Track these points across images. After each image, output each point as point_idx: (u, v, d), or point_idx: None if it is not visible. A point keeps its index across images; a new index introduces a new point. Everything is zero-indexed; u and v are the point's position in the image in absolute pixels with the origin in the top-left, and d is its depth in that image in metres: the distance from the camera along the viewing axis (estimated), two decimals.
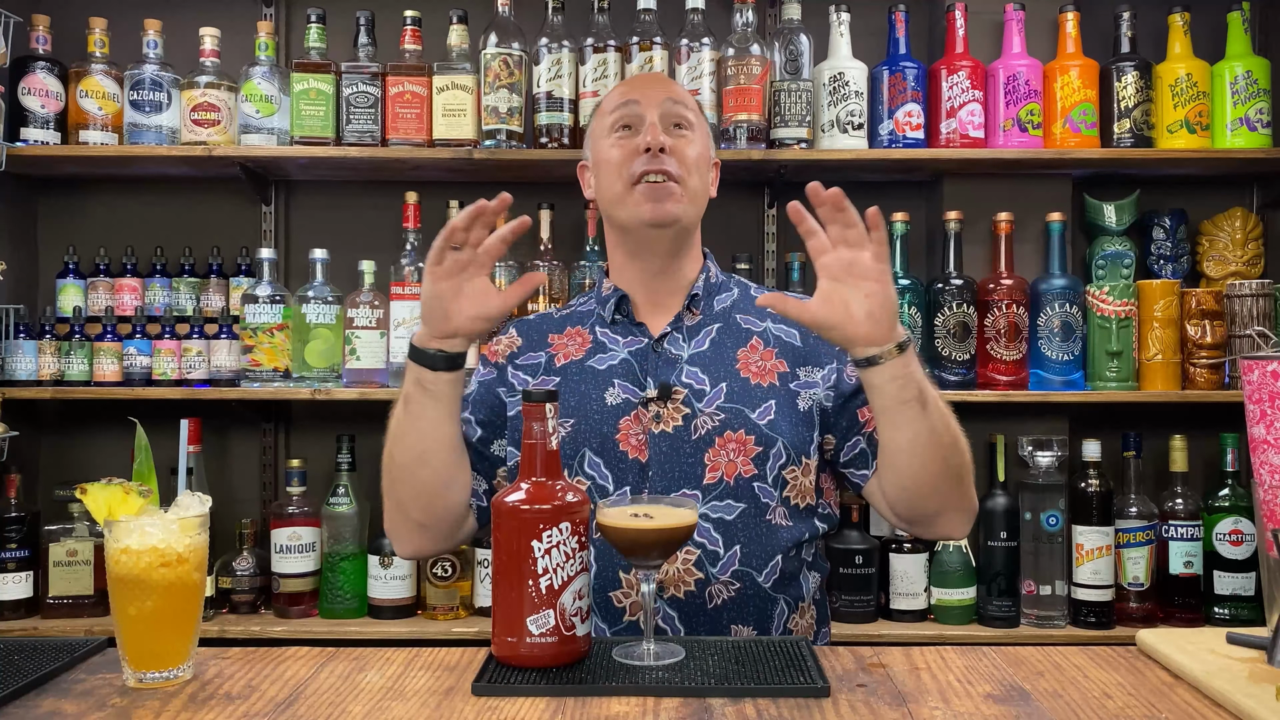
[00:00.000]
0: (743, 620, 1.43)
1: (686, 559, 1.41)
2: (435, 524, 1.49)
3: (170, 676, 1.11)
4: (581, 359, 1.54)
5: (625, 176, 1.49)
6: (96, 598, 2.40)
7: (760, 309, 1.56)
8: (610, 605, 1.44)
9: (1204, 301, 2.46)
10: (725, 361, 1.51)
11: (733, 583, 1.42)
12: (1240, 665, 1.11)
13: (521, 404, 1.16)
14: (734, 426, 1.45)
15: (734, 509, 1.44)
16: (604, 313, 1.57)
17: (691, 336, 1.54)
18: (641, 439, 1.46)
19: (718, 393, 1.48)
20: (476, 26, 2.49)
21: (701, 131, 1.56)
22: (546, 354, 1.56)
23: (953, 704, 1.04)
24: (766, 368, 1.51)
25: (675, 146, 1.50)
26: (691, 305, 1.55)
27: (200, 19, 2.55)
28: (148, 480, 1.16)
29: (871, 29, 2.61)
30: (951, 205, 2.53)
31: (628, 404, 1.48)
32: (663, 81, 1.60)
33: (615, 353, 1.53)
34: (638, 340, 1.53)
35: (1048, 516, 2.36)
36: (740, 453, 1.45)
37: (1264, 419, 1.14)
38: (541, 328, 1.61)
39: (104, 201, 2.73)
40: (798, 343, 1.54)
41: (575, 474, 1.47)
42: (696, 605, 1.41)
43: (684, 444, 1.45)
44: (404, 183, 2.59)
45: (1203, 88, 2.50)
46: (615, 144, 1.52)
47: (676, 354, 1.52)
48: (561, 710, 1.02)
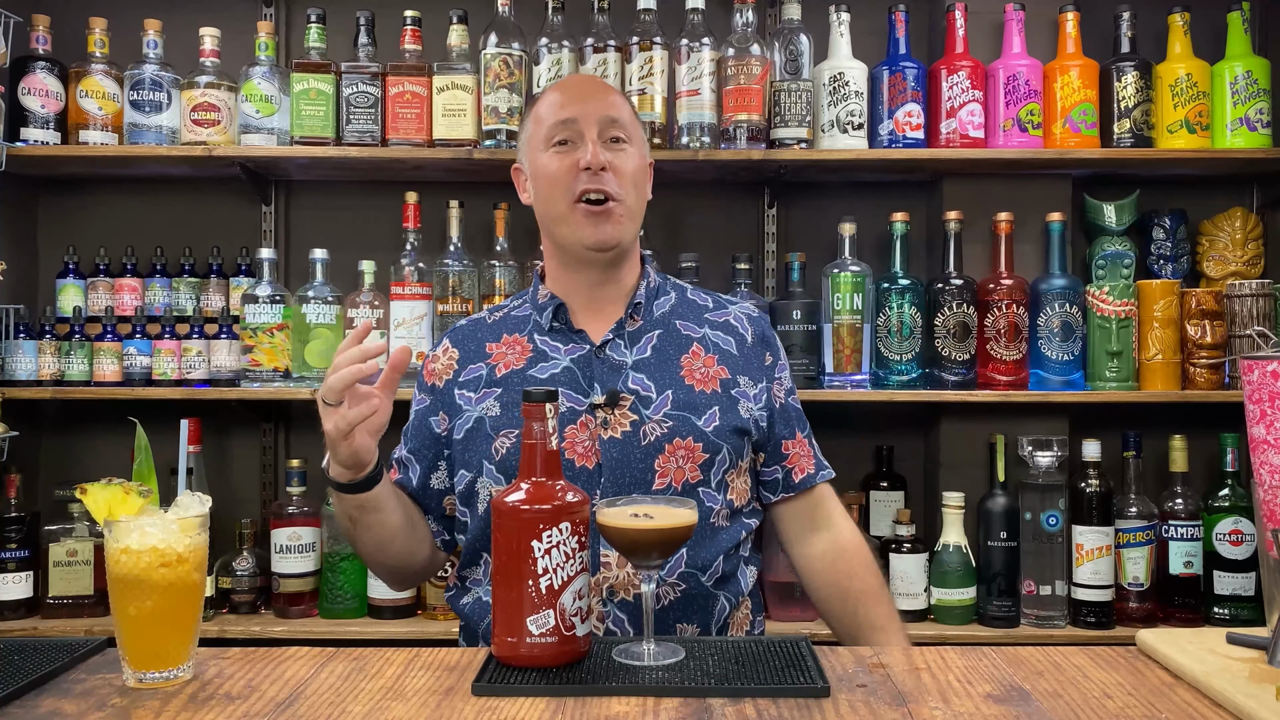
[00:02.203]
0: (687, 619, 1.46)
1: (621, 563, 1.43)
2: (410, 577, 1.65)
3: (170, 676, 1.11)
4: (523, 368, 1.54)
5: (565, 193, 1.50)
6: (96, 598, 2.40)
7: (699, 314, 1.60)
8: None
9: (1204, 301, 2.46)
10: (669, 368, 1.52)
11: (679, 584, 1.45)
12: (1240, 665, 1.11)
13: (521, 404, 1.16)
14: (682, 434, 1.47)
15: None
16: (541, 320, 1.57)
17: (633, 343, 1.54)
18: (589, 445, 1.47)
19: (664, 399, 1.49)
20: (476, 26, 2.49)
21: (637, 140, 1.56)
22: (486, 365, 1.56)
23: (953, 704, 1.04)
24: (710, 374, 1.53)
25: (614, 163, 1.50)
26: (633, 312, 1.56)
27: (200, 19, 2.55)
28: (148, 480, 1.16)
29: (871, 29, 2.61)
30: (951, 205, 2.53)
31: (573, 412, 1.48)
32: (598, 90, 1.58)
33: (557, 360, 1.53)
34: (579, 347, 1.54)
35: (1048, 516, 2.36)
36: (689, 459, 1.47)
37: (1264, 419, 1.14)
38: (477, 335, 1.61)
39: (104, 201, 2.73)
40: (734, 351, 1.57)
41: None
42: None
43: (634, 450, 1.47)
44: (404, 183, 2.59)
45: (1203, 88, 2.50)
46: (554, 158, 1.52)
47: (620, 360, 1.52)
48: (561, 710, 1.02)
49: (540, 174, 1.54)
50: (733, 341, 1.58)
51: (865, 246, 2.57)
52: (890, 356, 2.44)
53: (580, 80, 1.67)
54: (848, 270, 2.46)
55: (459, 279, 2.45)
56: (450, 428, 1.55)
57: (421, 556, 1.59)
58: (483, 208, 2.61)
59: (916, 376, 2.45)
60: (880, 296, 2.47)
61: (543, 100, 1.58)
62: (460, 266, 2.46)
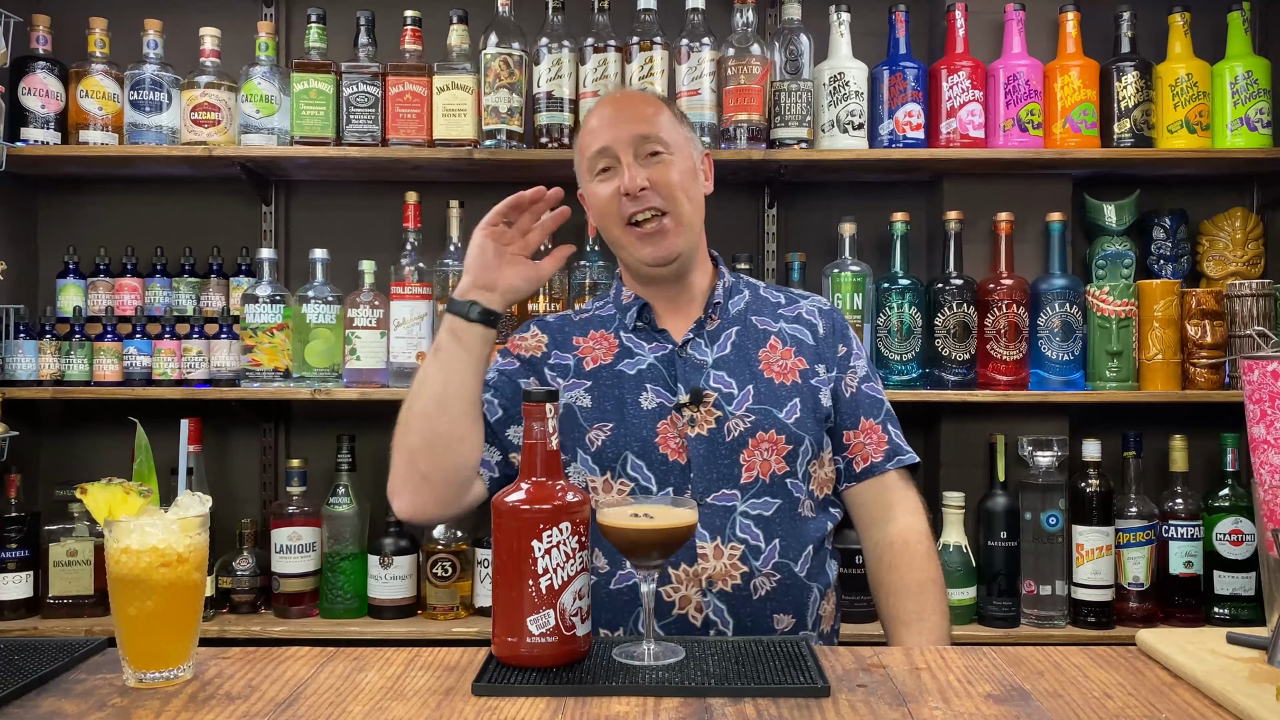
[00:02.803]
0: (783, 609, 1.50)
1: (732, 554, 1.48)
2: (442, 480, 1.50)
3: (170, 676, 1.11)
4: (610, 363, 1.59)
5: (616, 220, 1.56)
6: (96, 598, 2.40)
7: (773, 309, 1.65)
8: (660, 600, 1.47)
9: (1204, 301, 2.46)
10: (749, 363, 1.57)
11: (774, 574, 1.49)
12: (1240, 665, 1.11)
13: (522, 404, 1.16)
14: (765, 427, 1.53)
15: (771, 505, 1.51)
16: (625, 320, 1.62)
17: (713, 341, 1.60)
18: (679, 442, 1.52)
19: (745, 395, 1.54)
20: (476, 26, 2.49)
21: (680, 146, 1.58)
22: (574, 356, 1.62)
23: (953, 704, 1.04)
24: (788, 366, 1.58)
25: (655, 178, 1.54)
26: (711, 311, 1.61)
27: (200, 19, 2.55)
28: (148, 480, 1.16)
29: (871, 29, 2.61)
30: (951, 205, 2.53)
31: (662, 408, 1.54)
32: (629, 107, 1.60)
33: (642, 358, 1.59)
34: (662, 346, 1.59)
35: (1048, 516, 2.36)
36: (773, 451, 1.52)
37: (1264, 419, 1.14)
38: (564, 329, 1.67)
39: (104, 201, 2.72)
40: (810, 341, 1.62)
41: (619, 476, 1.53)
42: (742, 597, 1.48)
43: (720, 446, 1.52)
44: (404, 183, 2.59)
45: (1203, 88, 2.50)
46: (599, 186, 1.58)
47: (701, 359, 1.57)
48: (561, 710, 1.02)
49: (592, 204, 1.61)
50: (808, 333, 1.63)
51: (865, 246, 2.57)
52: (890, 356, 2.44)
53: (613, 100, 1.68)
54: (848, 270, 2.46)
55: (459, 279, 2.45)
56: None
57: (464, 457, 1.50)
58: (483, 208, 2.55)
59: (916, 376, 2.45)
60: (880, 296, 2.47)
61: (584, 128, 1.63)
62: (460, 266, 2.44)
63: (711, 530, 1.48)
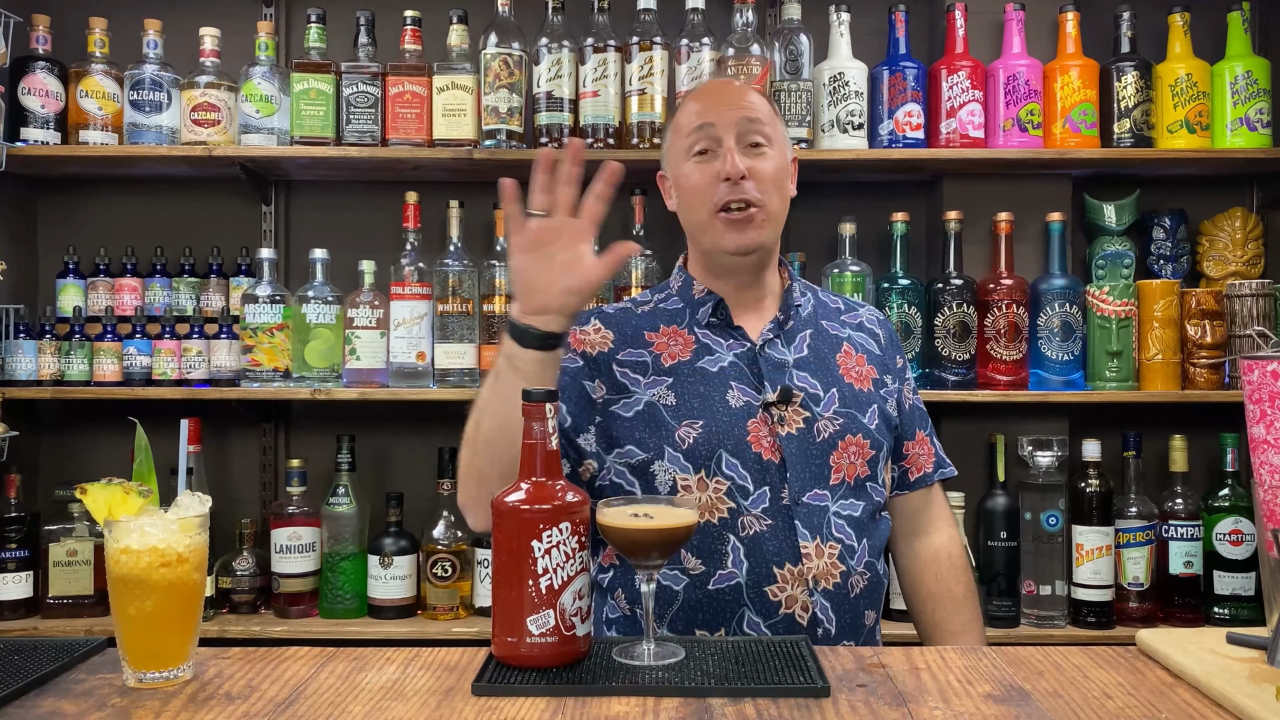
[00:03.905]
0: (871, 606, 1.53)
1: (830, 552, 1.48)
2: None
3: (170, 676, 1.11)
4: (690, 360, 1.55)
5: (708, 204, 1.52)
6: (96, 598, 2.40)
7: (836, 315, 1.66)
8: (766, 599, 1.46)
9: (1204, 301, 2.46)
10: (829, 367, 1.57)
11: (865, 573, 1.51)
12: (1240, 665, 1.11)
13: (522, 403, 1.16)
14: (852, 431, 1.53)
15: (857, 506, 1.52)
16: (699, 315, 1.58)
17: (789, 341, 1.58)
18: (771, 441, 1.50)
19: (831, 398, 1.54)
20: (476, 26, 2.49)
21: (778, 139, 1.56)
22: (650, 352, 1.56)
23: (953, 704, 1.04)
24: (863, 373, 1.59)
25: (754, 169, 1.51)
26: (787, 311, 1.59)
27: (200, 19, 2.55)
28: (148, 480, 1.15)
29: (871, 29, 2.61)
30: (951, 205, 2.53)
31: (749, 407, 1.51)
32: (736, 94, 1.58)
33: (721, 355, 1.55)
34: (740, 344, 1.56)
35: (1048, 516, 2.36)
36: (859, 455, 1.53)
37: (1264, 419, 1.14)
38: (631, 321, 1.60)
39: (104, 201, 2.73)
40: (876, 350, 1.64)
41: (713, 475, 1.48)
42: (842, 595, 1.48)
43: (811, 446, 1.51)
44: (404, 183, 2.59)
45: (1203, 88, 2.50)
46: (694, 169, 1.54)
47: (781, 358, 1.55)
48: (561, 710, 1.02)
49: (683, 184, 1.56)
50: (873, 342, 1.65)
51: (865, 246, 2.57)
52: None
53: (716, 86, 1.67)
54: (848, 270, 2.46)
55: (459, 279, 2.45)
56: (608, 399, 1.54)
57: None
58: (483, 208, 2.61)
59: (916, 376, 2.45)
60: (880, 296, 2.47)
61: (683, 110, 1.60)
62: (460, 266, 2.46)
63: (811, 530, 1.47)
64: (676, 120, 1.60)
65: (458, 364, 2.43)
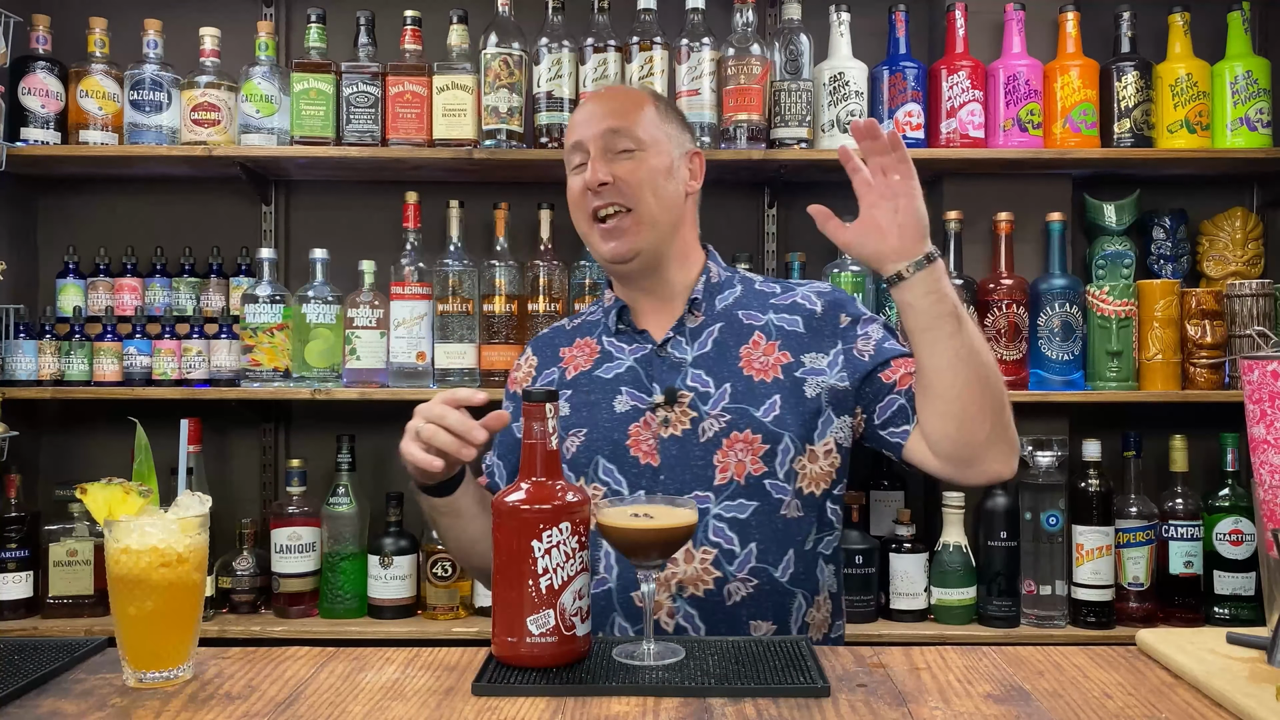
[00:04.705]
0: (761, 615, 1.46)
1: (704, 558, 1.44)
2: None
3: (170, 676, 1.11)
4: (590, 369, 1.58)
5: (584, 214, 1.56)
6: (96, 598, 2.40)
7: (764, 301, 1.60)
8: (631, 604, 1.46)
9: (1204, 301, 2.46)
10: (728, 361, 1.53)
11: (750, 579, 1.45)
12: (1240, 665, 1.11)
13: (522, 404, 1.16)
14: (740, 427, 1.48)
15: (746, 507, 1.47)
16: (609, 322, 1.61)
17: (694, 338, 1.56)
18: (652, 444, 1.49)
19: (722, 394, 1.51)
20: (476, 26, 2.49)
21: (658, 143, 1.56)
22: (559, 368, 1.62)
23: (953, 704, 1.04)
24: (769, 363, 1.53)
25: (620, 174, 1.53)
26: (693, 308, 1.58)
27: (200, 19, 2.55)
28: (148, 480, 1.16)
29: (871, 29, 2.61)
30: (951, 205, 2.53)
31: (635, 410, 1.52)
32: (607, 104, 1.60)
33: (621, 360, 1.57)
34: (642, 347, 1.57)
35: (1048, 516, 2.36)
36: (748, 452, 1.47)
37: (1264, 419, 1.14)
38: (555, 342, 1.67)
39: (104, 201, 2.72)
40: (801, 329, 1.56)
41: (591, 481, 1.51)
42: (715, 603, 1.44)
43: (693, 447, 1.49)
44: (404, 183, 2.59)
45: (1203, 88, 2.50)
46: (571, 180, 1.59)
47: (680, 358, 1.55)
48: (561, 710, 1.02)
49: (568, 198, 1.60)
50: (799, 320, 1.56)
51: None
52: None
53: (594, 97, 1.69)
54: (848, 270, 2.46)
55: (459, 279, 2.45)
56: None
57: None
58: (483, 208, 2.61)
59: None
60: (880, 296, 2.47)
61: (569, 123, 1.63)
62: (460, 266, 2.46)
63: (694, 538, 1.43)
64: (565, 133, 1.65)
65: (458, 364, 2.44)
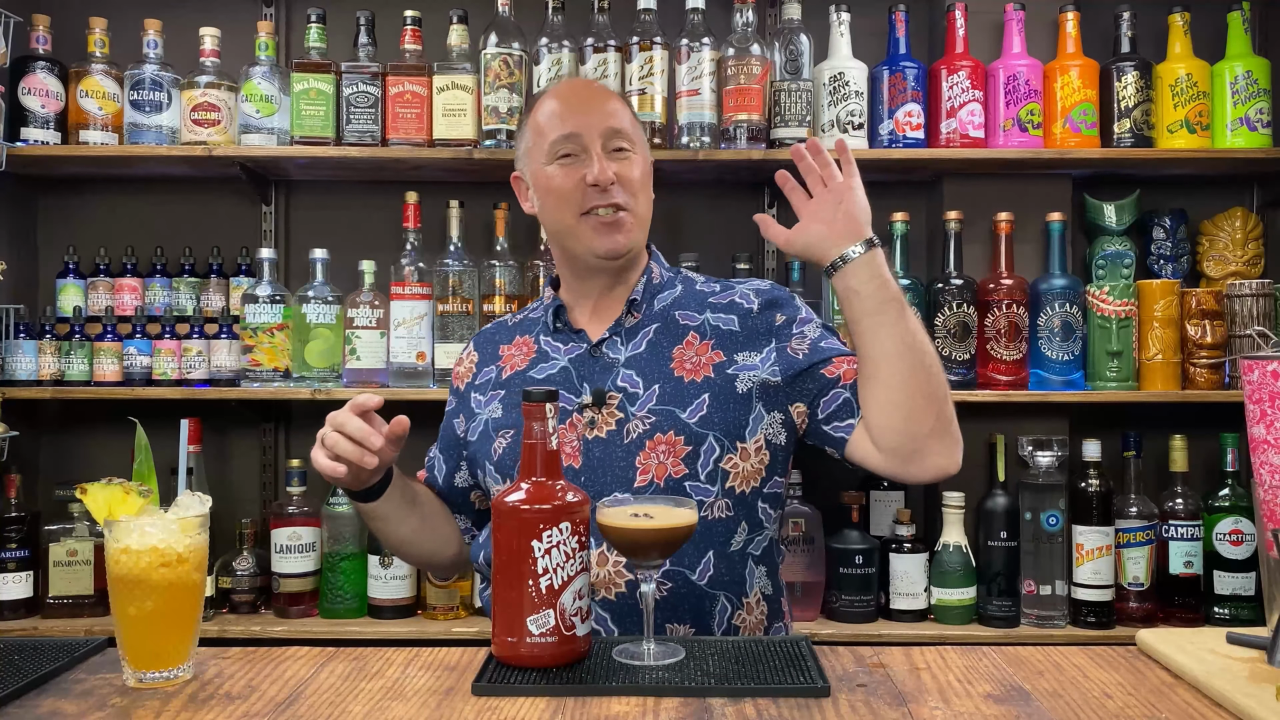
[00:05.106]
0: (678, 619, 1.43)
1: (617, 561, 1.42)
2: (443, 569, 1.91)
3: (170, 676, 1.11)
4: (525, 369, 1.57)
5: (574, 208, 1.51)
6: (96, 598, 2.40)
7: (702, 301, 1.57)
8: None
9: (1204, 301, 2.46)
10: (660, 362, 1.51)
11: (665, 582, 1.43)
12: (1240, 665, 1.11)
13: (521, 404, 1.16)
14: (664, 428, 1.46)
15: None
16: (547, 320, 1.60)
17: (630, 339, 1.54)
18: (575, 445, 1.48)
19: (650, 395, 1.49)
20: (476, 26, 2.49)
21: (639, 143, 1.56)
22: (496, 367, 1.61)
23: (953, 704, 1.04)
24: (701, 362, 1.51)
25: (620, 173, 1.51)
26: (631, 309, 1.56)
27: (200, 19, 2.55)
28: (148, 480, 1.16)
29: (871, 29, 2.61)
30: (951, 205, 2.53)
31: (563, 412, 1.49)
32: (597, 99, 1.57)
33: (556, 361, 1.56)
34: (577, 347, 1.56)
35: (1048, 516, 2.36)
36: (670, 454, 1.45)
37: (1264, 419, 1.14)
38: (496, 339, 1.66)
39: (104, 201, 2.72)
40: (736, 328, 1.54)
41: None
42: (628, 606, 1.42)
43: (616, 448, 1.47)
44: (404, 183, 2.59)
45: (1203, 88, 2.50)
46: (559, 172, 1.52)
47: (614, 358, 1.53)
48: (561, 710, 1.02)
49: (547, 188, 1.53)
50: (734, 319, 1.54)
51: None
52: None
53: (577, 87, 1.66)
54: None
55: (459, 279, 2.45)
56: (467, 429, 1.61)
57: (449, 553, 1.66)
58: (483, 208, 2.61)
59: None
60: None
61: (540, 110, 1.56)
62: (460, 266, 2.46)
63: (595, 537, 1.32)
64: (535, 120, 1.56)
65: None
